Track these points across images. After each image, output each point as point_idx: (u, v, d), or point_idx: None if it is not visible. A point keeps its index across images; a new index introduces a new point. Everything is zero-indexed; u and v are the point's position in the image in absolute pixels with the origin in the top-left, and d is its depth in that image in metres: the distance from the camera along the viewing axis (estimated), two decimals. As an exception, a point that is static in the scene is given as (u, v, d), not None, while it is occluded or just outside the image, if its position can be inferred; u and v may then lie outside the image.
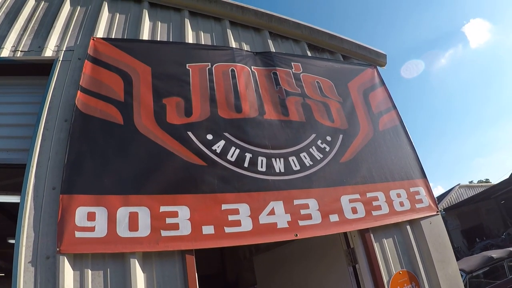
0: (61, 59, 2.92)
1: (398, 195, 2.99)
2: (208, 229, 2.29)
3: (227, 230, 2.33)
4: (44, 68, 2.93)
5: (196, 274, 2.25)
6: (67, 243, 2.08)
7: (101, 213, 2.19)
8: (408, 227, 3.00)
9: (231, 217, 2.37)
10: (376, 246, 2.82)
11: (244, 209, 2.43)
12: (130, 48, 2.90)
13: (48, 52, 2.98)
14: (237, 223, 2.37)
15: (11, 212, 4.73)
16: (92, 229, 2.15)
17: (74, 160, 2.32)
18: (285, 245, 3.66)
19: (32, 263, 2.14)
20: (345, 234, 2.93)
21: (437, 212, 3.16)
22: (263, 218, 2.44)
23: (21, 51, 3.03)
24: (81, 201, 2.20)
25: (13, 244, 5.39)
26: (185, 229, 2.26)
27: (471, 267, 6.08)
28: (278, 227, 2.45)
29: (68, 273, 2.11)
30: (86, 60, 2.80)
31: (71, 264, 2.14)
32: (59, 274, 2.09)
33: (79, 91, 2.61)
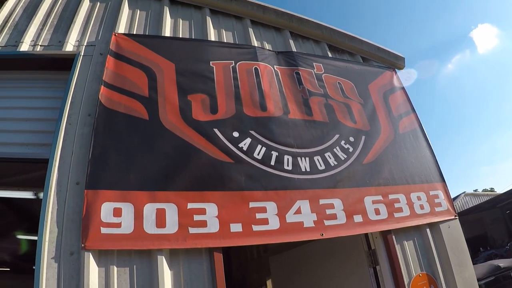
0: (82, 54, 2.88)
1: (419, 198, 2.99)
2: (236, 227, 2.26)
3: (255, 228, 2.30)
4: (64, 62, 2.89)
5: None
6: (92, 239, 2.04)
7: (127, 209, 2.15)
8: (428, 230, 2.99)
9: (258, 215, 2.35)
10: (397, 248, 2.81)
11: (271, 207, 2.40)
12: (152, 44, 2.88)
13: (69, 47, 2.94)
14: (265, 221, 2.35)
15: (21, 208, 4.64)
16: (118, 225, 2.10)
17: (99, 155, 2.28)
18: (303, 246, 3.63)
19: (55, 259, 2.09)
20: (366, 235, 2.92)
21: (455, 216, 3.17)
22: (290, 217, 2.42)
23: (40, 45, 2.99)
24: (106, 197, 2.15)
25: (21, 239, 5.29)
26: (213, 226, 2.23)
27: (477, 276, 6.07)
28: (304, 226, 2.43)
29: (93, 270, 2.06)
30: (108, 56, 2.76)
31: (96, 261, 2.09)
32: (83, 271, 2.04)
33: (102, 86, 2.58)
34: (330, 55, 3.56)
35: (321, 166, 2.70)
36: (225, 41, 3.19)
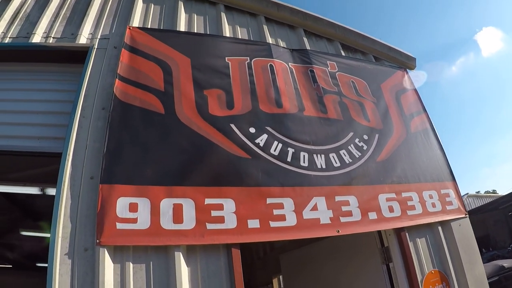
0: (96, 46, 2.85)
1: (430, 196, 3.01)
2: (253, 223, 2.25)
3: (272, 224, 2.30)
4: (77, 55, 2.86)
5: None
6: (107, 235, 2.00)
7: (143, 204, 2.12)
8: (439, 228, 3.01)
9: (276, 212, 2.34)
10: (410, 245, 2.83)
11: (288, 203, 2.39)
12: (167, 39, 2.86)
13: (82, 40, 2.91)
14: (282, 217, 2.34)
15: (24, 204, 4.58)
16: (134, 220, 2.07)
17: (114, 149, 2.25)
18: (313, 244, 3.64)
19: (69, 255, 2.05)
20: (379, 232, 2.93)
21: (466, 214, 3.19)
22: (307, 214, 2.41)
23: (53, 37, 2.95)
24: (122, 192, 2.12)
25: (25, 236, 5.22)
26: (231, 222, 2.21)
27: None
28: (321, 222, 2.43)
29: (108, 266, 2.02)
30: (123, 49, 2.74)
31: (111, 257, 2.06)
32: (98, 267, 2.00)
33: (117, 80, 2.55)
34: (343, 53, 3.58)
35: (336, 163, 2.71)
36: (239, 37, 3.18)
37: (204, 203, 2.21)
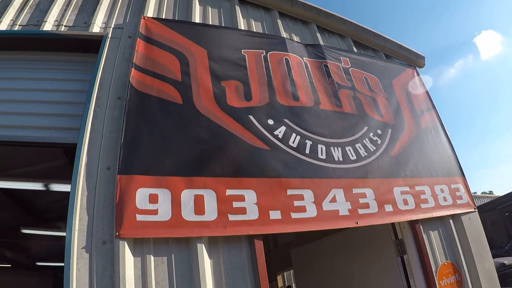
0: (110, 36, 2.80)
1: (442, 190, 3.05)
2: (275, 214, 2.23)
3: (293, 215, 2.28)
4: (90, 44, 2.80)
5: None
6: (127, 227, 1.95)
7: (164, 195, 2.07)
8: (451, 221, 3.06)
9: (296, 203, 2.33)
10: (424, 238, 2.85)
11: (308, 195, 2.39)
12: (183, 30, 2.83)
13: (95, 28, 2.85)
14: (302, 209, 2.33)
15: (25, 201, 4.44)
16: (155, 212, 2.02)
17: (132, 139, 2.20)
18: (324, 238, 3.64)
19: (86, 249, 1.98)
20: (393, 225, 2.95)
21: (475, 209, 3.25)
22: (326, 205, 2.41)
23: (65, 25, 2.88)
24: (141, 182, 2.07)
25: (25, 234, 5.06)
26: (253, 213, 2.19)
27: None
28: (340, 214, 2.43)
29: (128, 260, 1.97)
30: (138, 39, 2.70)
31: (131, 250, 2.00)
32: (118, 261, 1.94)
33: (133, 69, 2.51)
34: (355, 50, 3.61)
35: (352, 156, 2.72)
36: (254, 31, 3.17)
37: (226, 194, 2.18)
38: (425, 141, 3.22)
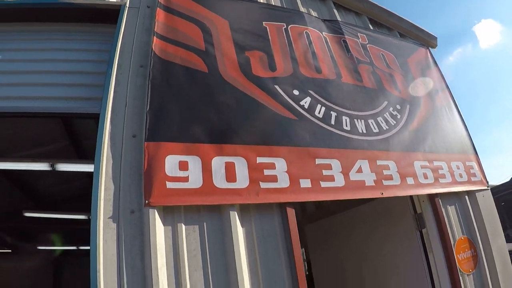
0: (128, 5, 2.71)
1: (457, 167, 3.09)
2: (305, 183, 2.21)
3: (323, 184, 2.27)
4: (107, 14, 2.71)
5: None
6: (157, 195, 1.88)
7: (194, 163, 2.02)
8: (466, 197, 3.10)
9: (325, 172, 2.31)
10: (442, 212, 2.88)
11: (335, 164, 2.38)
12: (203, 1, 2.77)
13: (111, -2, 2.75)
14: (331, 178, 2.32)
15: (27, 183, 4.29)
16: (185, 179, 1.97)
17: (158, 106, 2.14)
18: (337, 214, 3.65)
19: (113, 219, 1.90)
20: (412, 199, 2.96)
21: (487, 187, 3.30)
22: (353, 175, 2.41)
23: (79, -6, 2.77)
24: (170, 149, 2.01)
25: (27, 217, 4.90)
26: (284, 181, 2.16)
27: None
28: (366, 184, 2.43)
29: (158, 229, 1.90)
30: (158, 8, 2.62)
31: (161, 219, 1.94)
32: (148, 230, 1.87)
33: (155, 37, 2.44)
34: (371, 27, 3.61)
35: (375, 129, 2.72)
36: (273, 4, 3.13)
37: (256, 162, 2.14)
38: (440, 119, 3.26)
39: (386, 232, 3.17)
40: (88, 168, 3.65)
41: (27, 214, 4.51)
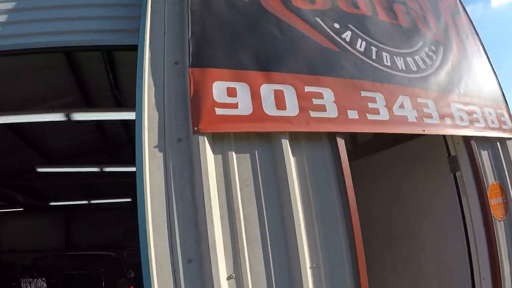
0: None
1: (490, 113, 3.03)
2: (352, 114, 2.14)
3: (369, 117, 2.21)
4: None
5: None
6: (206, 121, 1.78)
7: (242, 89, 1.92)
8: (498, 143, 3.06)
9: (370, 105, 2.25)
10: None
11: (380, 98, 2.31)
12: None
13: None
14: (376, 111, 2.25)
15: (35, 141, 4.14)
16: (234, 105, 1.87)
17: (201, 32, 2.02)
18: (366, 157, 3.60)
19: (159, 148, 1.80)
20: (445, 142, 2.92)
21: (517, 135, 3.27)
22: (396, 110, 2.35)
23: None
24: (217, 75, 1.91)
25: (38, 173, 4.76)
26: (332, 111, 2.09)
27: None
28: (408, 120, 2.37)
29: (209, 157, 1.81)
30: None
31: (210, 146, 1.84)
32: (198, 158, 1.77)
33: None
34: (401, -30, 3.47)
35: (414, 67, 2.64)
36: None
37: (305, 91, 2.06)
38: (472, 63, 3.19)
39: (420, 175, 3.13)
40: (100, 116, 3.58)
41: (40, 170, 4.37)
